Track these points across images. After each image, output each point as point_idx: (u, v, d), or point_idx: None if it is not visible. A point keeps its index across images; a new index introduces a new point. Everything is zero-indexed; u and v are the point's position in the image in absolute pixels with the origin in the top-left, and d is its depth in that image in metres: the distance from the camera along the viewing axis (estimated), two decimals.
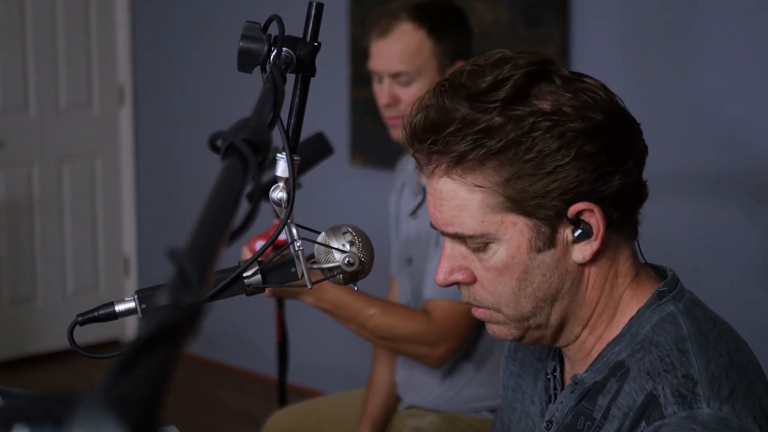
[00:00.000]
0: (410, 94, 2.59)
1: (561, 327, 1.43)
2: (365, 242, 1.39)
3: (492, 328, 1.46)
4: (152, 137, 5.80)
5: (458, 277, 1.42)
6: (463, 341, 2.55)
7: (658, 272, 1.48)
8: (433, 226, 1.44)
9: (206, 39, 5.40)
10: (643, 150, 1.41)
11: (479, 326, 2.56)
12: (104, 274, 5.84)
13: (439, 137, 1.35)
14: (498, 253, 1.38)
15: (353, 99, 4.63)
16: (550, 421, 1.48)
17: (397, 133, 2.68)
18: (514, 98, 1.33)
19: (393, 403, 2.85)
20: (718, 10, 3.54)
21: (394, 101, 2.64)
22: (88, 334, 2.11)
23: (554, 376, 1.53)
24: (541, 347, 1.59)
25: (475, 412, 2.62)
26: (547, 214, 1.35)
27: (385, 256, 1.35)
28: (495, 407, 2.60)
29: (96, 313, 1.37)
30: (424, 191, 2.66)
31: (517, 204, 1.34)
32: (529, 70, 1.35)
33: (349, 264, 1.37)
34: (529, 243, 1.36)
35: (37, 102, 5.51)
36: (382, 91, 2.66)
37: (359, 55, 4.48)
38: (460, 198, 1.37)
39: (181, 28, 5.56)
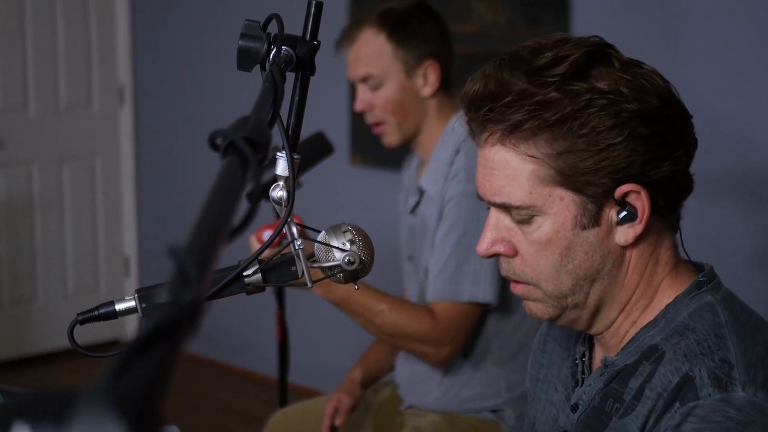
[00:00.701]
0: (381, 99, 2.65)
1: (597, 309, 1.44)
2: (365, 241, 1.39)
3: (529, 306, 1.47)
4: (152, 137, 5.80)
5: (500, 248, 1.44)
6: (466, 341, 2.56)
7: (697, 266, 1.49)
8: (480, 198, 1.45)
9: (206, 39, 5.40)
10: (694, 142, 1.43)
11: (477, 325, 2.57)
12: (104, 274, 5.84)
13: (496, 106, 1.37)
14: (543, 227, 1.39)
15: (353, 98, 4.62)
16: (576, 405, 1.48)
17: (388, 140, 2.71)
18: (573, 75, 1.35)
19: (389, 363, 2.86)
20: (716, 10, 3.54)
21: (368, 107, 2.69)
22: (89, 334, 2.12)
23: (582, 362, 1.54)
24: (568, 336, 1.60)
25: (476, 413, 2.62)
26: (594, 191, 1.36)
27: (386, 256, 1.35)
28: (496, 407, 2.60)
29: (96, 312, 1.37)
30: (420, 192, 2.67)
31: (566, 178, 1.36)
32: (589, 50, 1.38)
33: (350, 263, 1.37)
34: (574, 219, 1.38)
35: (37, 102, 5.51)
36: (356, 99, 2.72)
37: None
38: (511, 168, 1.39)
39: (181, 28, 5.56)
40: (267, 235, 2.46)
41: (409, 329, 2.49)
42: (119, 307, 1.37)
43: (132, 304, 1.36)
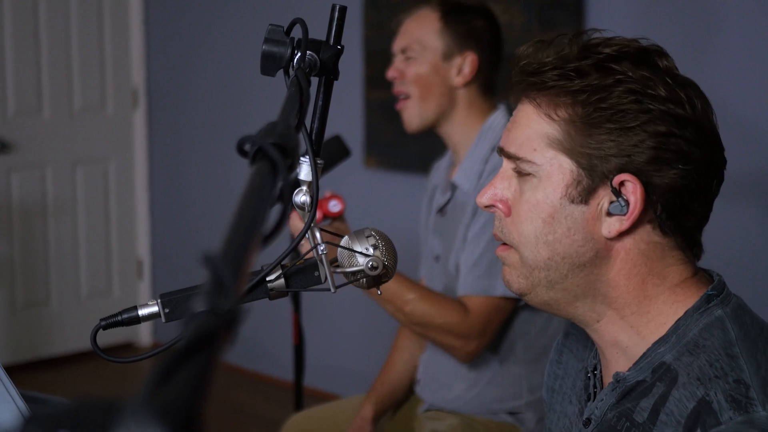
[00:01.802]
0: (411, 70, 2.70)
1: (578, 298, 1.43)
2: (389, 246, 1.39)
3: (504, 272, 1.48)
4: (166, 140, 5.80)
5: (498, 205, 1.45)
6: (494, 337, 2.56)
7: (708, 275, 1.47)
8: (498, 151, 1.47)
9: (219, 41, 5.41)
10: (716, 173, 1.42)
11: (505, 323, 2.58)
12: (118, 278, 5.84)
13: (534, 62, 1.40)
14: (536, 189, 1.40)
15: (368, 101, 4.62)
16: (588, 419, 1.47)
17: (406, 117, 2.73)
18: (617, 58, 1.37)
19: (403, 391, 2.85)
20: (734, 11, 3.53)
21: (399, 74, 2.73)
22: (104, 338, 2.11)
23: (594, 375, 1.53)
24: (583, 347, 1.59)
25: (493, 414, 2.61)
26: (594, 170, 1.37)
27: (400, 257, 1.36)
28: (516, 409, 2.60)
29: (119, 318, 1.37)
30: (453, 188, 2.67)
31: (572, 146, 1.37)
32: (642, 47, 1.40)
33: (373, 268, 1.37)
34: (565, 188, 1.38)
35: (51, 105, 5.52)
36: (391, 67, 2.77)
37: (373, 58, 4.48)
38: (529, 123, 1.41)
39: (194, 31, 5.56)
40: (332, 205, 2.50)
41: (438, 320, 2.49)
42: (142, 312, 1.37)
43: (155, 309, 1.36)
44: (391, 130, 4.45)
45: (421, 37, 2.70)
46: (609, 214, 1.38)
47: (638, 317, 1.42)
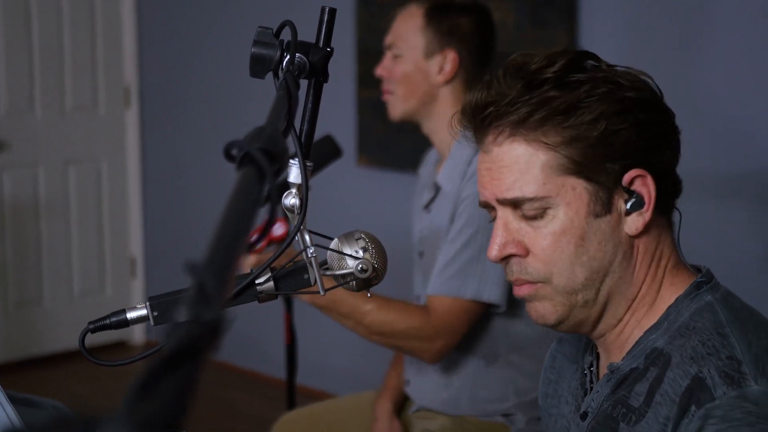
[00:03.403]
0: (397, 69, 2.70)
1: (605, 306, 1.44)
2: (378, 248, 1.38)
3: (536, 307, 1.47)
4: (158, 139, 5.79)
5: (512, 249, 1.45)
6: (461, 338, 2.54)
7: (694, 269, 1.50)
8: (483, 205, 1.47)
9: (213, 40, 5.40)
10: (678, 136, 1.47)
11: (484, 325, 2.56)
12: (111, 276, 5.83)
13: (501, 105, 1.41)
14: (557, 218, 1.41)
15: (360, 99, 4.62)
16: (585, 413, 1.48)
17: (390, 111, 2.73)
18: (568, 70, 1.40)
19: None
20: (726, 11, 3.53)
21: (387, 73, 2.73)
22: (96, 336, 2.11)
23: (591, 371, 1.54)
24: (576, 350, 1.60)
25: (487, 416, 2.60)
26: (605, 178, 1.39)
27: (392, 256, 1.35)
28: (507, 411, 2.59)
29: (107, 321, 1.36)
30: (437, 188, 2.66)
31: (578, 166, 1.39)
32: (578, 53, 1.43)
33: (363, 270, 1.36)
34: (587, 207, 1.40)
35: (43, 104, 5.51)
36: (380, 64, 2.77)
37: (366, 56, 4.47)
38: (523, 161, 1.41)
39: (187, 30, 5.55)
40: (278, 227, 2.48)
41: (400, 326, 2.47)
42: (131, 315, 1.36)
43: (143, 312, 1.35)
44: (384, 129, 4.45)
45: (405, 34, 2.70)
46: (627, 213, 1.41)
47: (648, 309, 1.45)
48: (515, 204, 1.42)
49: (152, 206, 5.87)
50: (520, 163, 1.40)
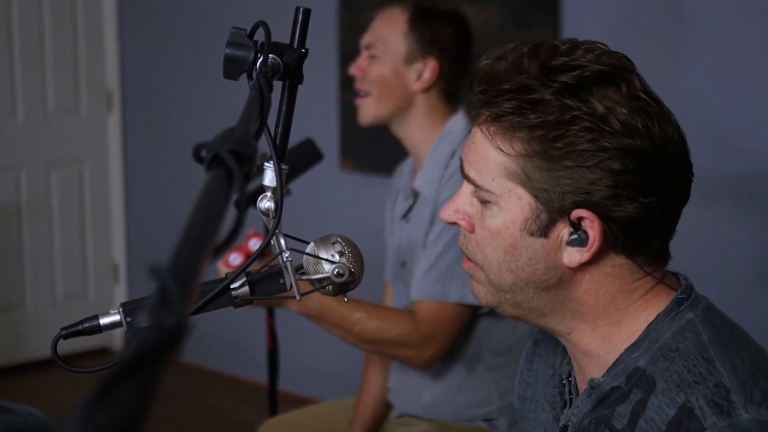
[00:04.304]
0: (373, 70, 2.67)
1: (545, 314, 1.42)
2: (355, 252, 1.36)
3: (473, 286, 1.47)
4: (141, 142, 5.77)
5: (460, 220, 1.44)
6: (451, 343, 2.53)
7: (674, 277, 1.46)
8: (460, 168, 1.45)
9: (194, 43, 5.38)
10: (681, 196, 1.40)
11: (467, 328, 2.55)
12: (93, 280, 5.80)
13: (491, 89, 1.36)
14: (495, 217, 1.39)
15: (343, 103, 4.60)
16: (565, 426, 1.47)
17: (361, 114, 2.72)
18: (574, 87, 1.33)
19: (383, 409, 2.83)
20: (708, 12, 3.52)
21: (361, 73, 2.71)
22: (78, 343, 2.10)
23: (569, 381, 1.52)
24: (554, 354, 1.58)
25: (468, 421, 2.59)
26: (551, 205, 1.35)
27: (376, 263, 1.33)
28: (489, 416, 2.58)
29: (80, 327, 1.34)
30: (415, 195, 2.65)
31: (530, 181, 1.35)
32: (603, 70, 1.35)
33: (339, 275, 1.34)
34: (524, 221, 1.37)
35: (25, 107, 5.48)
36: (354, 63, 2.75)
37: (349, 59, 4.44)
38: (486, 151, 1.39)
39: (169, 32, 5.53)
40: (233, 258, 2.46)
41: (390, 334, 2.46)
42: (103, 321, 1.34)
43: (117, 318, 1.33)
44: (367, 133, 4.43)
45: (387, 37, 2.67)
46: (569, 243, 1.37)
47: (610, 327, 1.41)
48: (472, 183, 1.42)
49: (135, 210, 5.84)
50: (483, 151, 1.39)
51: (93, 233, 5.78)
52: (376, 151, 4.49)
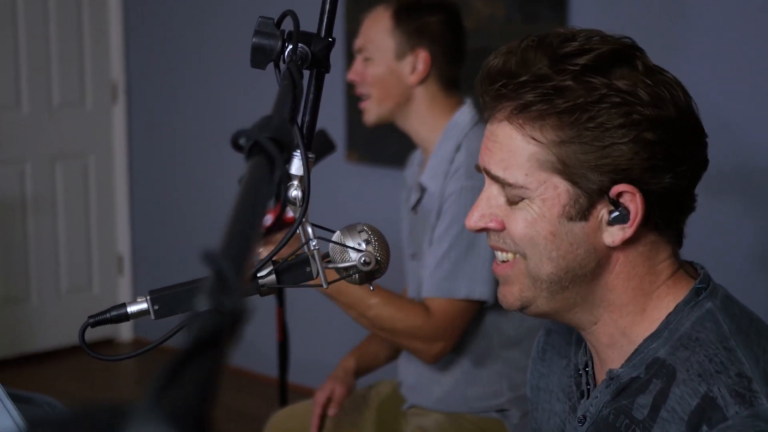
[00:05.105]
0: (369, 72, 2.68)
1: (575, 304, 1.42)
2: (381, 241, 1.37)
3: (502, 291, 1.45)
4: (146, 134, 5.77)
5: (490, 224, 1.42)
6: (459, 338, 2.54)
7: (691, 266, 1.47)
8: (478, 168, 1.44)
9: (199, 35, 5.37)
10: (703, 163, 1.42)
11: (476, 322, 2.55)
12: (98, 273, 5.80)
13: (511, 82, 1.36)
14: (530, 209, 1.38)
15: (349, 96, 4.60)
16: (584, 416, 1.46)
17: (365, 117, 2.72)
18: (594, 68, 1.34)
19: (384, 357, 2.84)
20: (716, 7, 3.53)
21: (359, 78, 2.71)
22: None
23: (586, 372, 1.51)
24: (567, 344, 1.58)
25: (482, 412, 2.60)
26: (590, 187, 1.35)
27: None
28: (502, 407, 2.58)
29: (108, 315, 1.35)
30: (422, 189, 2.65)
31: (566, 168, 1.35)
32: (616, 48, 1.36)
33: (365, 263, 1.35)
34: (562, 209, 1.36)
35: (30, 100, 5.48)
36: (351, 68, 2.75)
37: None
38: (514, 145, 1.37)
39: (174, 24, 5.53)
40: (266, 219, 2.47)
41: (402, 324, 2.47)
42: (131, 309, 1.35)
43: (144, 306, 1.34)
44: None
45: (375, 37, 2.68)
46: (610, 223, 1.37)
47: (634, 316, 1.41)
48: (499, 182, 1.41)
49: (139, 203, 5.84)
50: (511, 146, 1.37)
51: (98, 226, 5.78)
52: (382, 143, 4.49)
